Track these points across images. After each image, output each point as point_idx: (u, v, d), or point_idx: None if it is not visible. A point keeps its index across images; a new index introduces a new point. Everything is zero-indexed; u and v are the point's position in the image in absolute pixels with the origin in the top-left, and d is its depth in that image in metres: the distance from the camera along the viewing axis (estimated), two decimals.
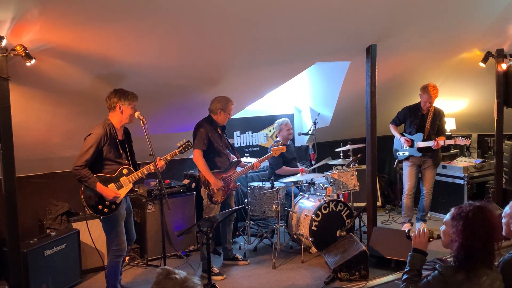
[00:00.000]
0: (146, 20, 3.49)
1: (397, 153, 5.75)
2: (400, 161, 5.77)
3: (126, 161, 3.88)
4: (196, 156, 4.47)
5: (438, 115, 5.57)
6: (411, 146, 5.51)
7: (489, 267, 2.26)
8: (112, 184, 3.77)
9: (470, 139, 5.55)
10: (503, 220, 2.54)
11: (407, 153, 5.58)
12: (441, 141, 5.34)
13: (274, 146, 5.26)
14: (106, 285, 3.95)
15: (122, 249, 3.84)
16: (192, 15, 3.58)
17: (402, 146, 5.64)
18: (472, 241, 2.21)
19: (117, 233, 3.81)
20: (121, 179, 3.81)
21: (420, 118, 5.54)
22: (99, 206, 3.71)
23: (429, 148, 5.43)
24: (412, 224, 5.68)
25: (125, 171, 3.83)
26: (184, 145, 4.13)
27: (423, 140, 5.47)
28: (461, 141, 5.41)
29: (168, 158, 4.01)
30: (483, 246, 2.22)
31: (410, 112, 5.62)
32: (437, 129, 5.55)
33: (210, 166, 4.50)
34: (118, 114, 3.79)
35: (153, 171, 3.88)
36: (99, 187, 3.66)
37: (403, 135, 5.61)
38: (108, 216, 3.75)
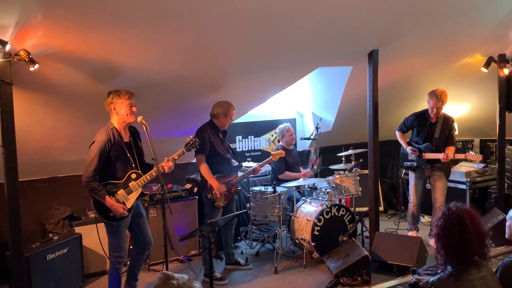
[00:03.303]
0: (149, 25, 3.50)
1: (404, 163, 5.48)
2: (407, 172, 5.53)
3: (134, 165, 3.83)
4: (199, 161, 4.48)
5: (448, 123, 5.25)
6: (419, 156, 5.24)
7: (478, 267, 2.30)
8: (122, 190, 3.74)
9: (481, 155, 5.20)
10: (507, 223, 2.55)
11: (415, 164, 5.33)
12: (450, 154, 5.05)
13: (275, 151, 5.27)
14: None
15: (122, 255, 3.83)
16: (195, 20, 3.59)
17: (409, 156, 5.37)
18: (447, 239, 2.34)
19: (119, 239, 3.80)
20: (130, 184, 3.77)
21: (428, 127, 5.24)
22: (110, 214, 3.70)
23: (438, 159, 5.15)
24: (418, 230, 5.58)
25: (133, 176, 3.80)
26: (191, 142, 4.05)
27: (432, 151, 5.19)
28: (472, 157, 5.07)
29: (176, 157, 3.95)
30: (459, 242, 2.30)
31: (418, 119, 5.31)
32: (446, 138, 5.25)
33: (213, 171, 4.51)
34: (115, 115, 3.76)
35: (162, 171, 3.84)
36: (108, 202, 3.64)
37: (410, 144, 5.35)
38: (117, 222, 3.74)
